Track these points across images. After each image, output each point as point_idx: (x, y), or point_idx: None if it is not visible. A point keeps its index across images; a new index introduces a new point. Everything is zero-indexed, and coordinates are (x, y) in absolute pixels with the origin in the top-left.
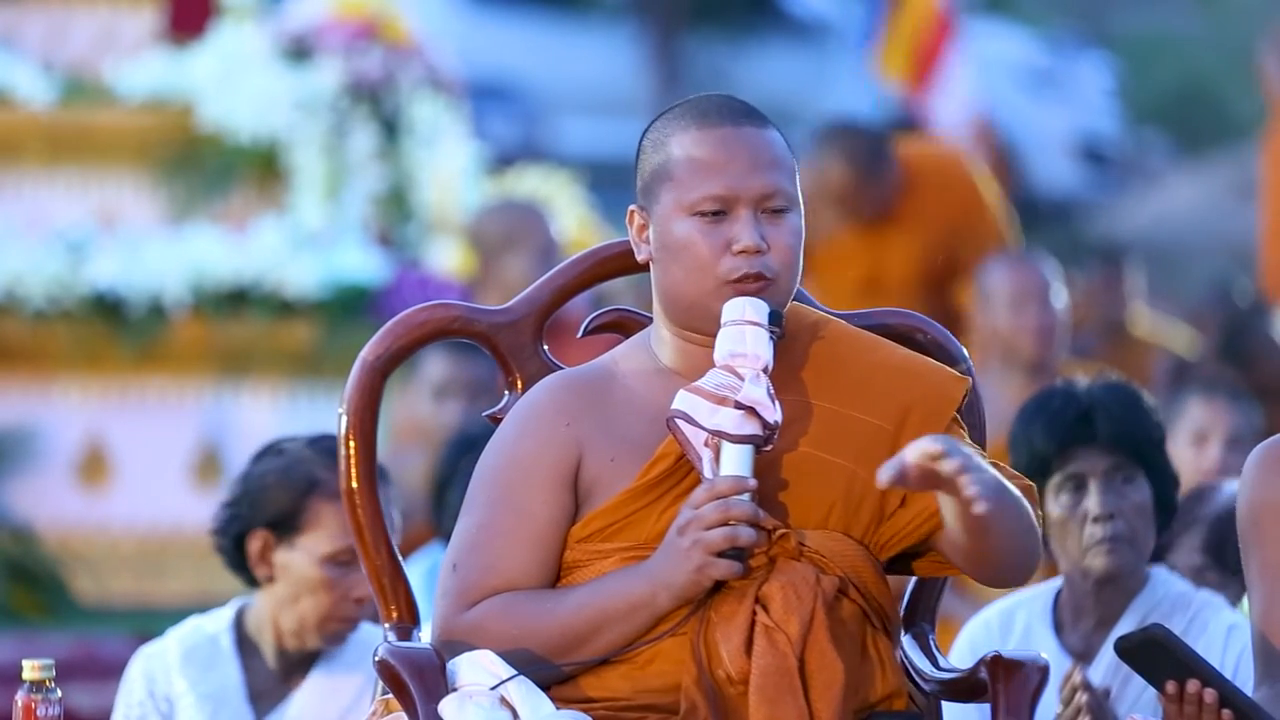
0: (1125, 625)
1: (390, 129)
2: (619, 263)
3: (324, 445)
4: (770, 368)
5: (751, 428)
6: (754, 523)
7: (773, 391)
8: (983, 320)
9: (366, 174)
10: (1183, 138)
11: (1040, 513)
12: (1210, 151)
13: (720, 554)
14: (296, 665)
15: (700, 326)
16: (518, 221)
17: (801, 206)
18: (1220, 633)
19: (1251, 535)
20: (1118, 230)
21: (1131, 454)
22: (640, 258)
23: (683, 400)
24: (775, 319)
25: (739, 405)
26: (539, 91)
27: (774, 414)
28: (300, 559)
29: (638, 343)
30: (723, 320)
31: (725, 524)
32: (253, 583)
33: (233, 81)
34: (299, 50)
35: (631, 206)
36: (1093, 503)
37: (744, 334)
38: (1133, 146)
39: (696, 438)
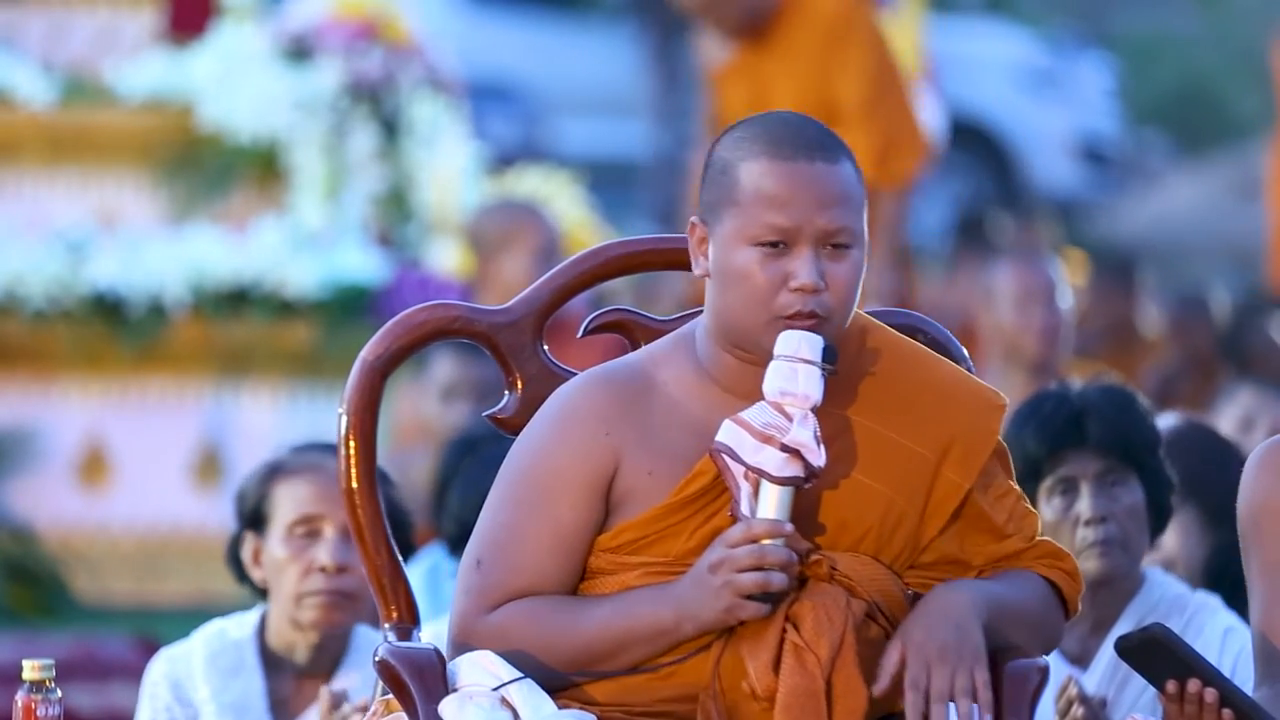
0: (1121, 628)
1: (390, 129)
2: (620, 263)
3: (311, 445)
4: (819, 405)
5: (793, 470)
6: (787, 569)
7: (819, 434)
8: (987, 319)
9: (366, 174)
10: (1183, 138)
11: (1080, 588)
12: (1210, 151)
13: (749, 596)
14: (317, 675)
15: (749, 351)
16: (516, 221)
17: (866, 240)
18: (1217, 635)
19: (1252, 536)
20: (1118, 231)
21: (1123, 457)
22: (697, 272)
23: (727, 432)
24: (830, 355)
25: (785, 448)
26: (539, 91)
27: (818, 459)
28: (272, 546)
29: (680, 344)
30: (775, 352)
31: (759, 568)
32: (259, 592)
33: (233, 81)
34: (299, 50)
35: (694, 219)
36: (1084, 506)
37: (796, 372)
38: (1133, 146)
39: (738, 470)
